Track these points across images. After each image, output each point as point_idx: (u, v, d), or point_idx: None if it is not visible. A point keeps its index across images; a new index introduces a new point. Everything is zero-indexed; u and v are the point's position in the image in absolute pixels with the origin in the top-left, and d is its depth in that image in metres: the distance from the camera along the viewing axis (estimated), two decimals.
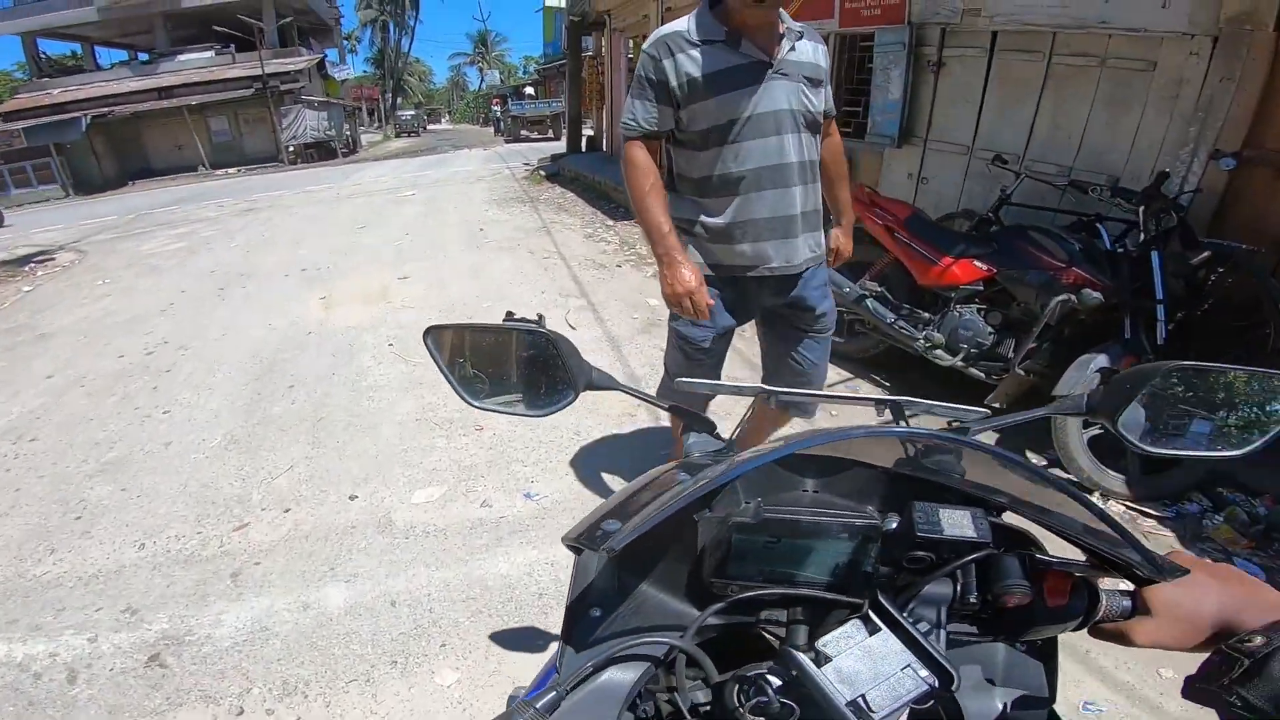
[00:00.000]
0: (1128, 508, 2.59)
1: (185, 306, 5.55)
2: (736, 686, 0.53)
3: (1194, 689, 0.48)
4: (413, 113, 40.47)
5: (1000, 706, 0.60)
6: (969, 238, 3.45)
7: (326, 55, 27.16)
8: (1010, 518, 0.62)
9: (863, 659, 0.51)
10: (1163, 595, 0.55)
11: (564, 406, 0.82)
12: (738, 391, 0.88)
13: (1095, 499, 2.53)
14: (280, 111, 21.79)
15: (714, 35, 1.61)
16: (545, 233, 7.32)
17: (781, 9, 1.63)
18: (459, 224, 8.07)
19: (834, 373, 3.75)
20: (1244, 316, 2.82)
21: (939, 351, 3.35)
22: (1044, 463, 2.77)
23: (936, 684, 0.49)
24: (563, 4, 12.61)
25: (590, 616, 0.60)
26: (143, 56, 23.94)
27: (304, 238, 7.95)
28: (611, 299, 4.93)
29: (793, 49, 1.65)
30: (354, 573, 2.27)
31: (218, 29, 21.32)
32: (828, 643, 0.52)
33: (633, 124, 1.69)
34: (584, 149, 13.27)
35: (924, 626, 0.56)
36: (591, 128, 14.10)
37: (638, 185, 1.69)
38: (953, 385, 3.28)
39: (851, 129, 5.67)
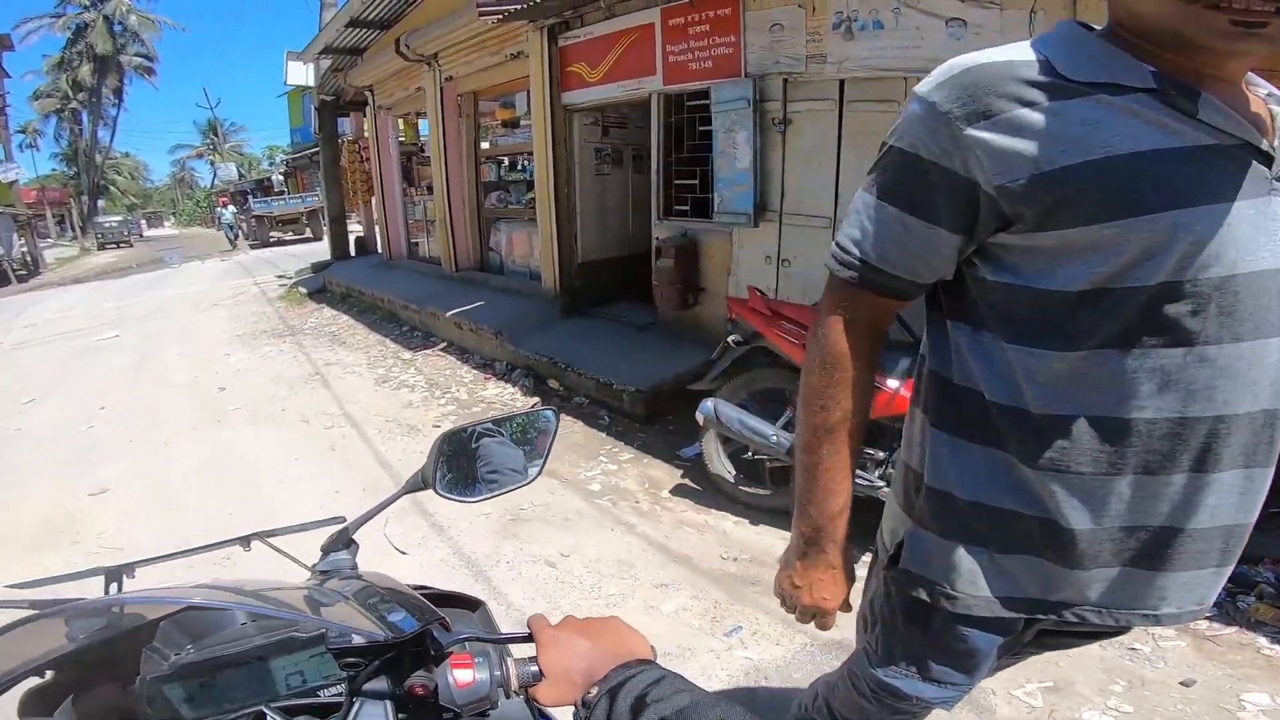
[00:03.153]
0: None
1: None
2: None
3: None
4: (119, 218, 35.48)
5: None
6: (906, 347, 2.90)
7: None
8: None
9: None
10: (547, 658, 0.66)
11: None
12: None
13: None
14: None
15: (1121, 76, 0.77)
16: (320, 382, 5.82)
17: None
18: (188, 382, 6.21)
19: (768, 532, 3.25)
20: None
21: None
22: None
23: None
24: (311, 83, 11.31)
25: None
26: None
27: None
28: None
29: None
30: None
31: None
32: None
33: (854, 254, 0.91)
34: (353, 253, 11.81)
35: None
36: (360, 225, 12.67)
37: (822, 394, 0.96)
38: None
39: (690, 207, 5.16)
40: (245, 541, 0.95)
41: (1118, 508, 0.84)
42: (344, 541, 0.94)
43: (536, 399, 4.97)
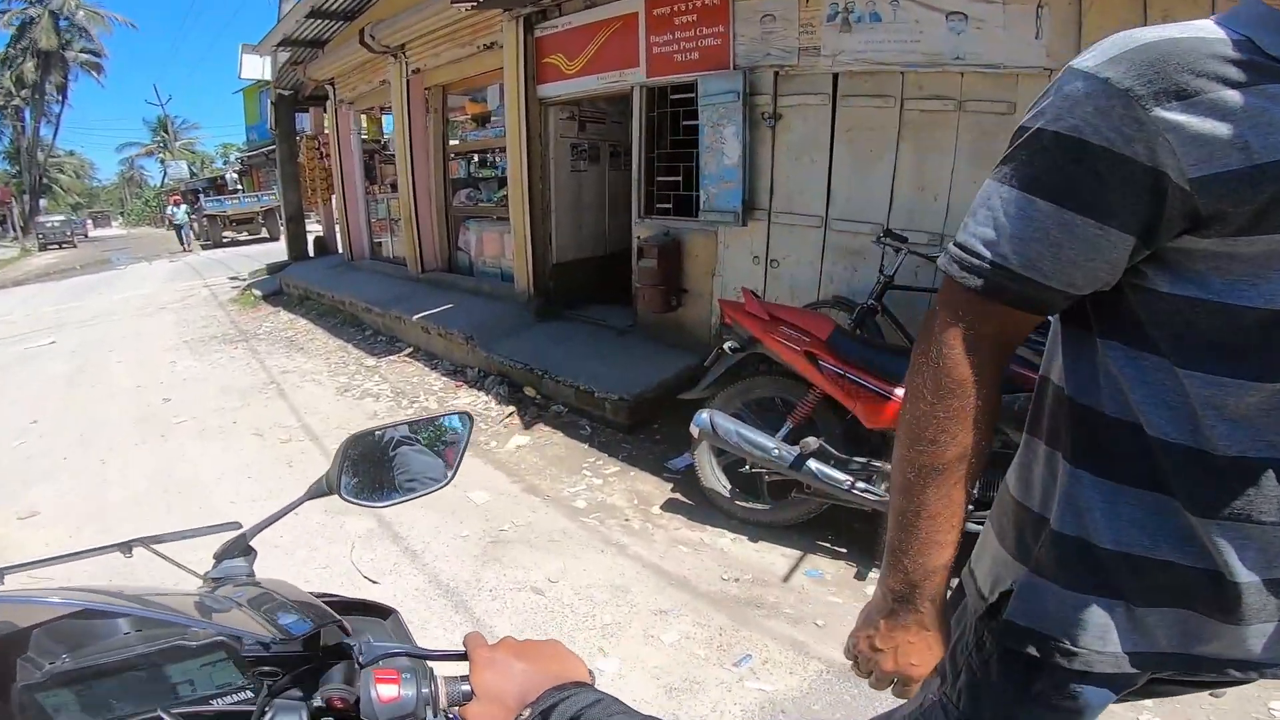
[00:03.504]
0: None
1: None
2: None
3: None
4: (62, 218, 34.41)
5: None
6: (910, 352, 2.76)
7: None
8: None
9: None
10: (480, 677, 0.65)
11: None
12: None
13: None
14: None
15: None
16: (275, 391, 5.45)
17: None
18: (130, 390, 5.79)
19: (769, 549, 3.07)
20: None
21: None
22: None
23: None
24: (268, 77, 10.84)
25: None
26: None
27: None
28: (412, 504, 3.40)
29: None
30: None
31: None
32: None
33: (985, 258, 0.75)
34: (312, 254, 11.35)
35: None
36: (320, 225, 12.21)
37: (933, 426, 0.80)
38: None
39: (672, 206, 4.98)
40: (126, 548, 0.92)
41: None
42: (240, 549, 0.92)
43: (512, 408, 4.71)
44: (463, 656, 0.77)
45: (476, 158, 7.44)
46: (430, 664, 0.72)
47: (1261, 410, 0.69)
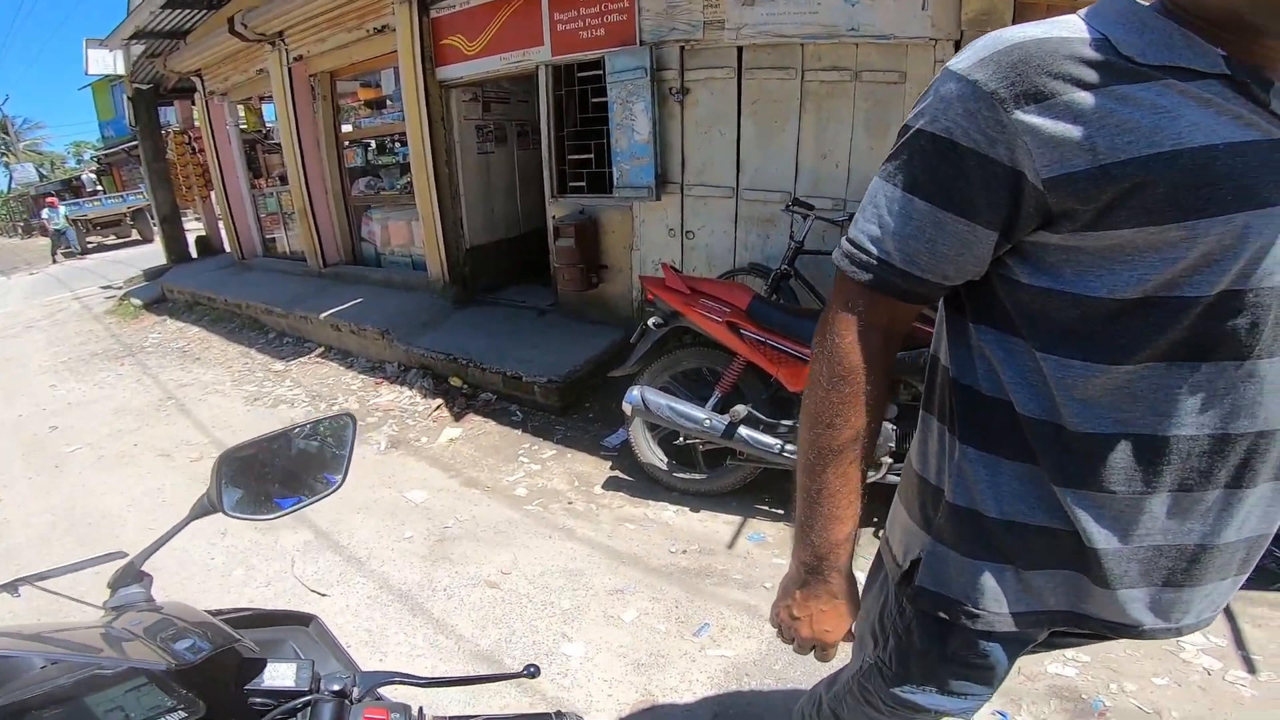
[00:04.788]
0: None
1: None
2: None
3: None
4: None
5: None
6: None
7: None
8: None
9: None
10: None
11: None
12: None
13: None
14: None
15: (1190, 59, 0.67)
16: (175, 408, 5.10)
17: None
18: (10, 422, 5.26)
19: (711, 518, 3.16)
20: None
21: None
22: None
23: None
24: (120, 71, 9.82)
25: None
26: None
27: None
28: (348, 510, 3.32)
29: None
30: None
31: None
32: None
33: (873, 253, 0.81)
34: (195, 255, 10.58)
35: None
36: (201, 223, 11.35)
37: (830, 410, 0.85)
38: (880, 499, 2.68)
39: (586, 183, 4.96)
40: (12, 588, 0.90)
41: (1148, 526, 0.79)
42: (133, 575, 0.92)
43: (439, 400, 4.61)
44: (456, 682, 0.81)
45: (374, 144, 7.08)
46: (419, 702, 0.74)
47: (1107, 391, 0.75)
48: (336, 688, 0.76)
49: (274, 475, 1.01)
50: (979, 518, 0.86)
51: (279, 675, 0.75)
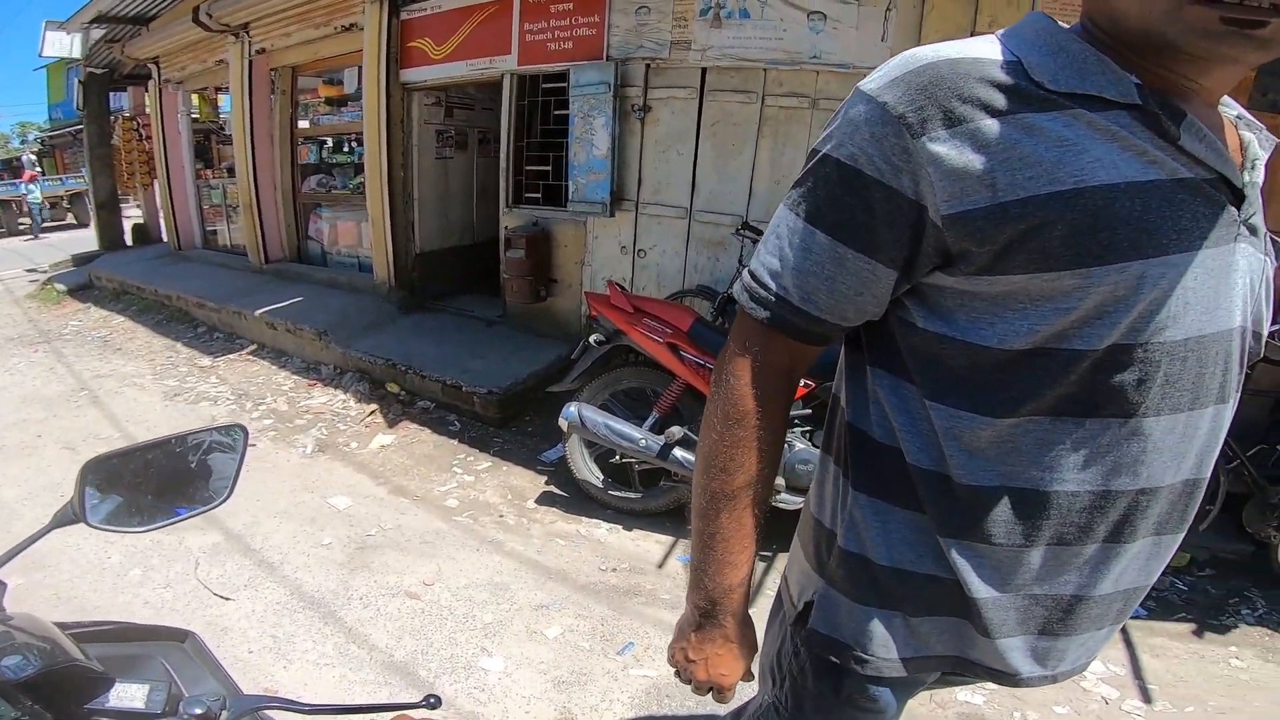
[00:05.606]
0: None
1: None
2: None
3: None
4: None
5: None
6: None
7: None
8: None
9: None
10: None
11: None
12: None
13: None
14: None
15: (1102, 87, 0.64)
16: (88, 399, 4.79)
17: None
18: None
19: (643, 537, 3.12)
20: None
21: (784, 496, 2.89)
22: None
23: None
24: (75, 54, 9.43)
25: None
26: None
27: None
28: (265, 514, 3.15)
29: (1254, 163, 0.71)
30: None
31: None
32: None
33: (771, 290, 0.76)
34: (131, 242, 10.11)
35: None
36: (140, 212, 10.89)
37: (723, 454, 0.81)
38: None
39: (541, 195, 4.94)
40: None
41: (1025, 577, 0.77)
42: None
43: (374, 406, 4.45)
44: (344, 710, 0.77)
45: (330, 142, 6.92)
46: None
47: (993, 443, 0.72)
48: (198, 711, 0.69)
49: (149, 486, 0.94)
50: (868, 564, 0.84)
51: (127, 696, 0.70)
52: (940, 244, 0.67)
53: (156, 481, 0.95)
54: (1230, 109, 0.74)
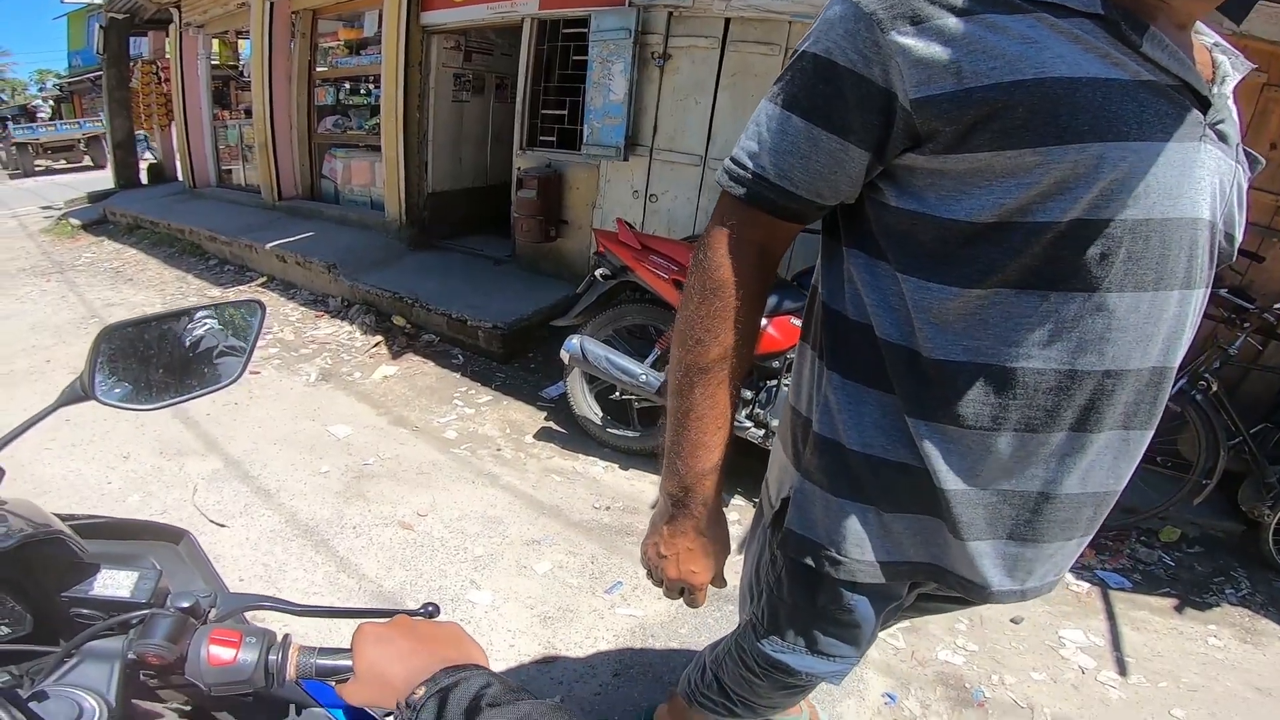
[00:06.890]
0: None
1: None
2: None
3: None
4: None
5: None
6: (778, 285, 2.83)
7: None
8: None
9: None
10: (363, 654, 0.59)
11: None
12: None
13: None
14: None
15: None
16: (98, 326, 4.76)
17: None
18: None
19: (639, 477, 3.07)
20: None
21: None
22: None
23: None
24: (97, 1, 9.35)
25: None
26: None
27: None
28: (265, 440, 3.13)
29: (1224, 79, 0.75)
30: None
31: None
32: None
33: (749, 168, 0.79)
34: (146, 181, 10.06)
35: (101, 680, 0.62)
36: (154, 153, 10.82)
37: (699, 326, 0.82)
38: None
39: (556, 138, 4.81)
40: None
41: (994, 469, 0.79)
42: None
43: (379, 337, 4.40)
44: (335, 613, 0.75)
45: (348, 84, 6.79)
46: (291, 631, 0.66)
47: (961, 316, 0.74)
48: (186, 604, 0.65)
49: (161, 360, 0.88)
50: (841, 450, 0.85)
51: (112, 584, 0.68)
52: (909, 126, 0.70)
53: (167, 356, 0.89)
54: (1207, 37, 0.77)
